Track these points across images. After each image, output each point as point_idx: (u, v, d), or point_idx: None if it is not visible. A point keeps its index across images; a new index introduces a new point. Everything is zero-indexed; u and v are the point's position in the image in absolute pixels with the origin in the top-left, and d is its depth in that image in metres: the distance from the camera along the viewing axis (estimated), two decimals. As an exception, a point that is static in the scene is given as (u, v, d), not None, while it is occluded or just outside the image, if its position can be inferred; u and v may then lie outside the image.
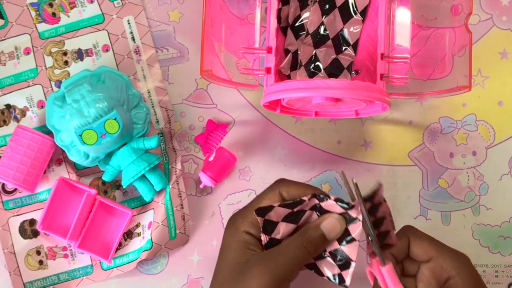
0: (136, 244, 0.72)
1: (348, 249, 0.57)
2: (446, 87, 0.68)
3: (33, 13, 0.73)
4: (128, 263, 0.71)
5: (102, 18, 0.73)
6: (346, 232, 0.57)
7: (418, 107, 0.74)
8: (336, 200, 0.57)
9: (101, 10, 0.73)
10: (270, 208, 0.58)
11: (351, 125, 0.74)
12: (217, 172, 0.72)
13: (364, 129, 0.74)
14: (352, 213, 0.57)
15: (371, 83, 0.62)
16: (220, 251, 0.60)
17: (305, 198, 0.58)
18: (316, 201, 0.58)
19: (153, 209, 0.72)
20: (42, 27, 0.73)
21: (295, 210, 0.58)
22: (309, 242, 0.57)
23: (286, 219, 0.58)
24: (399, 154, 0.73)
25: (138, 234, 0.72)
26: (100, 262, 0.72)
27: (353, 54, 0.69)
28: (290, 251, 0.56)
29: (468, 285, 0.57)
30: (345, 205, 0.57)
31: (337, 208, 0.57)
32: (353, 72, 0.70)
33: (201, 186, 0.72)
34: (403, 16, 0.69)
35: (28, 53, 0.73)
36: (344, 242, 0.57)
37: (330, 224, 0.57)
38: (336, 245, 0.58)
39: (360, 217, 0.56)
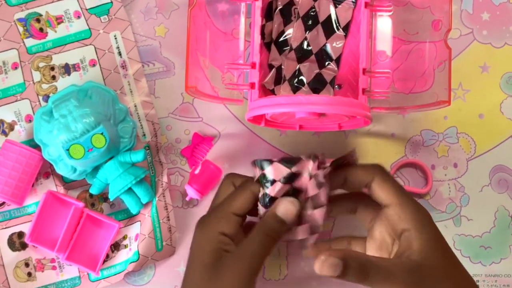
0: (123, 255, 0.73)
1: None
2: (427, 101, 0.69)
3: (21, 29, 0.74)
4: (115, 274, 0.72)
5: (89, 33, 0.74)
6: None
7: (400, 120, 0.75)
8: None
9: (88, 25, 0.74)
10: (270, 161, 0.58)
11: (334, 138, 0.75)
12: (203, 184, 0.72)
13: (347, 141, 0.75)
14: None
15: (353, 98, 0.63)
16: (192, 252, 0.58)
17: (303, 157, 0.59)
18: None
19: (139, 221, 0.73)
20: (30, 42, 0.74)
21: (293, 170, 0.58)
22: (271, 230, 0.57)
23: (285, 179, 0.58)
24: (382, 166, 0.74)
25: (125, 246, 0.73)
26: (87, 273, 0.73)
27: (336, 68, 0.70)
28: (255, 244, 0.56)
29: (424, 239, 0.55)
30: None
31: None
32: (336, 86, 0.71)
33: (187, 198, 0.73)
34: (384, 31, 0.70)
35: (15, 68, 0.74)
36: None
37: (284, 208, 0.58)
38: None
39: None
